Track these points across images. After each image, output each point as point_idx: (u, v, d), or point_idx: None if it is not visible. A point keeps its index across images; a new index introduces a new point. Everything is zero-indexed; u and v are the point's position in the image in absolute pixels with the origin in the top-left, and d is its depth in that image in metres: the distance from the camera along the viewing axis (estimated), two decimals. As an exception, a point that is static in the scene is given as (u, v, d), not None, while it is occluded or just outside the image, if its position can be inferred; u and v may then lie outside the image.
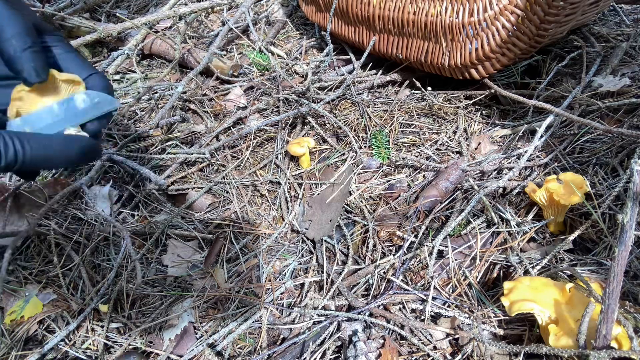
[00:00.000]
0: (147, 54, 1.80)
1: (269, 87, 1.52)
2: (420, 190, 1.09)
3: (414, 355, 0.79)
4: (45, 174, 1.28)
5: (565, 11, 1.04)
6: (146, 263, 1.04)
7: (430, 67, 1.35)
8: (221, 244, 1.05)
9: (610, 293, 0.59)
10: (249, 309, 0.91)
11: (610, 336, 0.60)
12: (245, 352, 0.86)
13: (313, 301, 0.90)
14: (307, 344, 0.83)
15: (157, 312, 0.94)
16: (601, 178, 0.98)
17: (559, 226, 0.93)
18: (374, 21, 1.38)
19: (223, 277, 0.99)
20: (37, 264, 1.05)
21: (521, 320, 0.79)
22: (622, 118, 1.11)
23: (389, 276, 0.91)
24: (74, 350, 0.89)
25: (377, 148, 1.23)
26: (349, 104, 1.43)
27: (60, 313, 0.96)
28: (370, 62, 1.56)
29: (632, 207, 0.57)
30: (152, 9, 2.12)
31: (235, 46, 1.80)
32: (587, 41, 1.40)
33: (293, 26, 1.89)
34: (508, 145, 1.17)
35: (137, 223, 1.13)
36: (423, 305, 0.85)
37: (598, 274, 0.82)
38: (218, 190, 1.19)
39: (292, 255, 1.03)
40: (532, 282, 0.74)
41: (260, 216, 1.12)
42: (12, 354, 0.89)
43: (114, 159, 1.25)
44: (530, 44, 1.13)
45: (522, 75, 1.38)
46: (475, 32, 1.17)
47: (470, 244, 0.93)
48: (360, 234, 1.03)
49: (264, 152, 1.31)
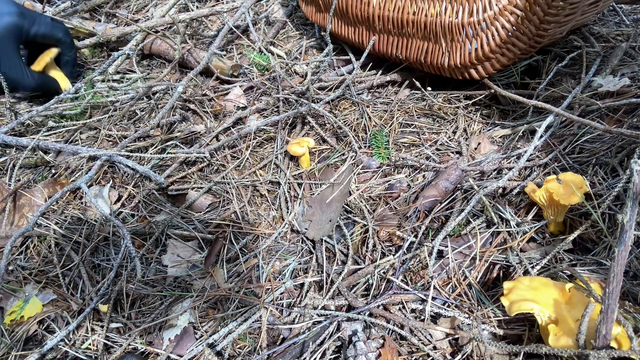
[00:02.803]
0: (147, 54, 1.80)
1: (268, 87, 1.52)
2: (420, 190, 1.09)
3: (413, 355, 0.79)
4: (45, 174, 1.28)
5: (565, 11, 1.04)
6: (146, 263, 1.04)
7: (430, 67, 1.35)
8: (221, 244, 1.05)
9: (610, 293, 0.59)
10: (249, 309, 0.91)
11: (610, 336, 0.60)
12: (245, 352, 0.86)
13: (313, 301, 0.90)
14: (307, 344, 0.83)
15: (157, 312, 0.94)
16: (601, 178, 0.98)
17: (559, 226, 0.93)
18: (373, 21, 1.38)
19: (223, 277, 0.99)
20: (37, 264, 1.05)
21: (521, 320, 0.79)
22: (622, 118, 1.11)
23: (388, 276, 0.91)
24: (74, 350, 0.89)
25: (377, 148, 1.23)
26: (348, 104, 1.43)
27: (60, 313, 0.96)
28: (370, 62, 1.56)
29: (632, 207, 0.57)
30: (151, 9, 2.12)
31: (235, 46, 1.80)
32: (586, 41, 1.40)
33: (293, 26, 1.89)
34: (508, 145, 1.17)
35: (137, 223, 1.13)
36: (423, 305, 0.85)
37: (598, 274, 0.82)
38: (218, 190, 1.19)
39: (292, 255, 1.03)
40: (531, 282, 0.74)
41: (260, 216, 1.12)
42: (12, 354, 0.89)
43: (114, 159, 1.25)
44: (530, 44, 1.13)
45: (522, 75, 1.38)
46: (475, 32, 1.17)
47: (470, 244, 0.93)
48: (360, 234, 1.03)
49: (264, 152, 1.31)
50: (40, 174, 1.29)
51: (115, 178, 1.25)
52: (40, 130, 1.42)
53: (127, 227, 1.11)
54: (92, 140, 1.39)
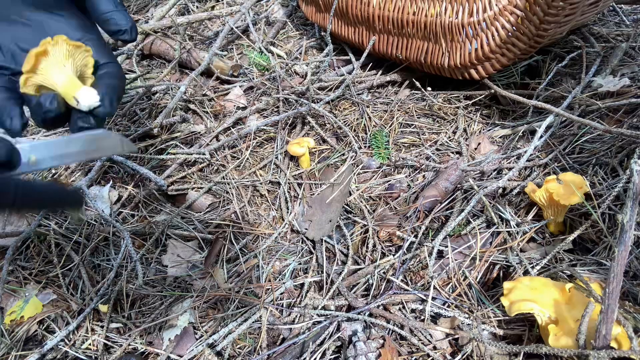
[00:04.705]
0: (147, 54, 1.80)
1: (269, 87, 1.52)
2: (420, 190, 1.09)
3: (413, 355, 0.79)
4: (45, 174, 1.28)
5: (565, 11, 1.04)
6: (146, 263, 1.04)
7: (430, 67, 1.35)
8: (221, 244, 1.05)
9: (610, 293, 0.59)
10: (249, 309, 0.91)
11: (610, 336, 0.60)
12: (245, 352, 0.86)
13: (313, 301, 0.90)
14: (307, 344, 0.83)
15: (156, 312, 0.94)
16: (601, 178, 0.98)
17: (559, 226, 0.93)
18: (373, 21, 1.38)
19: (223, 277, 0.99)
20: (37, 264, 1.05)
21: (521, 320, 0.79)
22: (622, 118, 1.11)
23: (388, 276, 0.91)
24: (74, 351, 0.89)
25: (377, 148, 1.23)
26: (348, 104, 1.43)
27: (60, 313, 0.96)
28: (370, 63, 1.56)
29: (632, 207, 0.57)
30: (151, 9, 2.12)
31: (235, 46, 1.80)
32: (586, 41, 1.40)
33: (293, 26, 1.89)
34: (508, 146, 1.17)
35: (137, 223, 1.13)
36: (423, 305, 0.85)
37: (598, 274, 0.82)
38: (218, 190, 1.19)
39: (292, 255, 1.03)
40: (531, 282, 0.74)
41: (260, 216, 1.12)
42: (12, 354, 0.89)
43: (114, 159, 1.25)
44: (529, 44, 1.13)
45: (522, 75, 1.38)
46: (475, 32, 1.17)
47: (470, 244, 0.93)
48: (360, 234, 1.03)
49: (264, 152, 1.31)
50: (41, 174, 1.29)
51: (115, 178, 1.25)
52: (40, 130, 1.42)
53: (127, 227, 1.11)
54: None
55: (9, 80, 0.50)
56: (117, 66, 0.54)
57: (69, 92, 0.49)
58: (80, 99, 0.49)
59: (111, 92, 0.51)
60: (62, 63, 0.49)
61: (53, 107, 0.48)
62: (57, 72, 0.48)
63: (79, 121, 0.50)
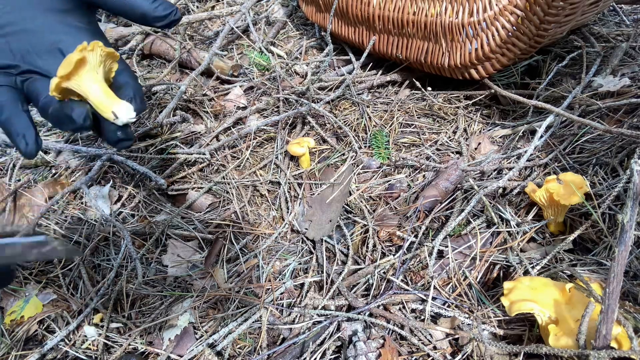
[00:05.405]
0: (147, 54, 1.80)
1: (269, 87, 1.52)
2: (420, 190, 1.09)
3: (414, 355, 0.79)
4: (45, 174, 1.28)
5: (565, 11, 1.04)
6: (146, 263, 1.04)
7: (430, 67, 1.35)
8: (221, 244, 1.05)
9: (610, 293, 0.59)
10: (249, 309, 0.91)
11: (610, 336, 0.60)
12: (245, 352, 0.86)
13: (313, 301, 0.90)
14: (307, 344, 0.83)
15: (157, 312, 0.94)
16: (601, 178, 0.98)
17: (559, 226, 0.93)
18: (373, 21, 1.38)
19: (223, 277, 0.99)
20: (37, 264, 1.05)
21: (521, 320, 0.79)
22: (622, 118, 1.11)
23: (389, 276, 0.91)
24: (74, 350, 0.89)
25: (377, 148, 1.23)
26: (349, 104, 1.43)
27: (60, 313, 0.96)
28: (370, 62, 1.56)
29: (632, 207, 0.57)
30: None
31: (236, 46, 1.80)
32: (587, 41, 1.40)
33: (293, 26, 1.89)
34: (508, 145, 1.17)
35: (137, 223, 1.13)
36: (423, 305, 0.85)
37: (598, 274, 0.82)
38: (218, 190, 1.19)
39: (292, 255, 1.03)
40: (532, 282, 0.74)
41: (260, 216, 1.12)
42: (12, 354, 0.89)
43: (114, 159, 1.25)
44: (530, 44, 1.13)
45: (522, 75, 1.38)
46: (475, 32, 1.17)
47: (470, 244, 0.93)
48: (360, 234, 1.03)
49: (264, 152, 1.31)
50: (41, 174, 1.29)
51: (116, 178, 1.25)
52: (40, 130, 1.42)
53: (127, 227, 1.11)
54: (92, 140, 1.39)
55: (15, 80, 0.50)
56: (127, 65, 0.55)
57: (107, 105, 0.48)
58: (120, 114, 0.49)
59: (139, 92, 0.52)
60: (95, 70, 0.48)
61: (87, 125, 0.48)
62: (91, 81, 0.48)
63: (118, 133, 0.51)
